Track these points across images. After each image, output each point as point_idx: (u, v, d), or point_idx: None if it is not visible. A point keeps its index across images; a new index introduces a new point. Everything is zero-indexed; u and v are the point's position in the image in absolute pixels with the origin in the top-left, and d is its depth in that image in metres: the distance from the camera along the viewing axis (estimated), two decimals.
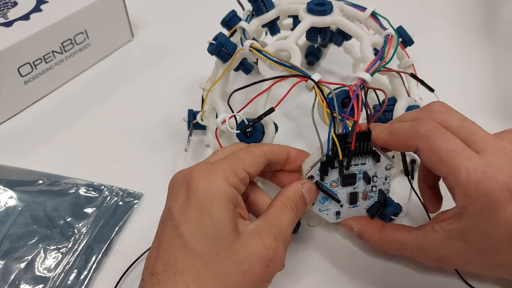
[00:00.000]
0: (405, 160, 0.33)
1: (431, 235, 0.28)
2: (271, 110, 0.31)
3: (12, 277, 0.32)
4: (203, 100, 0.41)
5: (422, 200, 0.34)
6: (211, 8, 0.41)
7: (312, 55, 0.52)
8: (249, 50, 0.33)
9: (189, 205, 0.26)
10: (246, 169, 0.28)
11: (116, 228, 0.35)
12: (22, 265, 0.32)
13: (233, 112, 0.32)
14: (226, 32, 0.39)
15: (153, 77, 0.52)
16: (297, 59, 0.33)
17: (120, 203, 0.37)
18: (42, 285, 0.31)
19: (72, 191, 0.38)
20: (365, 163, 0.30)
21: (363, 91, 0.29)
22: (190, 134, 0.41)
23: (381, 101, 0.33)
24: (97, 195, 0.38)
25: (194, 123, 0.42)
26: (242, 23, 0.36)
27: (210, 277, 0.24)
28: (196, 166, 0.27)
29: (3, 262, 0.32)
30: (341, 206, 0.31)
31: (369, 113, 0.29)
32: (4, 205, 0.36)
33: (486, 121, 0.46)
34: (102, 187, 0.38)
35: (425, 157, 0.27)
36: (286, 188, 0.29)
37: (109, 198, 0.37)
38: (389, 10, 0.42)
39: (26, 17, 0.47)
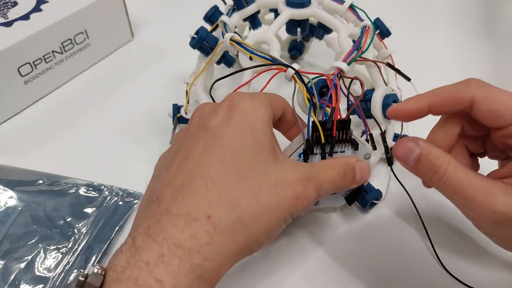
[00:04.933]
0: (387, 150, 0.34)
1: (504, 192, 0.25)
2: None
3: (12, 277, 0.32)
4: (187, 94, 0.42)
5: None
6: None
7: (295, 49, 0.53)
8: (230, 43, 0.34)
9: (231, 121, 0.25)
10: (273, 109, 0.28)
11: (116, 228, 0.35)
12: (22, 265, 0.32)
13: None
14: (209, 27, 0.40)
15: (153, 77, 0.52)
16: (276, 51, 0.33)
17: (120, 203, 0.37)
18: (42, 285, 0.31)
19: (72, 191, 0.38)
20: (344, 151, 0.30)
21: (341, 80, 0.31)
22: (175, 128, 0.42)
23: (364, 90, 0.33)
24: (97, 195, 0.38)
25: (178, 117, 0.42)
26: (223, 17, 0.37)
27: (244, 190, 0.24)
28: (234, 93, 0.28)
29: (3, 262, 0.32)
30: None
31: (351, 102, 0.30)
32: (4, 205, 0.36)
33: None
34: (102, 187, 0.38)
35: (483, 107, 0.25)
36: (340, 157, 0.29)
37: (109, 198, 0.37)
38: (389, 10, 0.42)
39: (26, 17, 0.47)
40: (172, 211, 0.22)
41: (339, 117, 0.29)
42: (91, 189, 0.38)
